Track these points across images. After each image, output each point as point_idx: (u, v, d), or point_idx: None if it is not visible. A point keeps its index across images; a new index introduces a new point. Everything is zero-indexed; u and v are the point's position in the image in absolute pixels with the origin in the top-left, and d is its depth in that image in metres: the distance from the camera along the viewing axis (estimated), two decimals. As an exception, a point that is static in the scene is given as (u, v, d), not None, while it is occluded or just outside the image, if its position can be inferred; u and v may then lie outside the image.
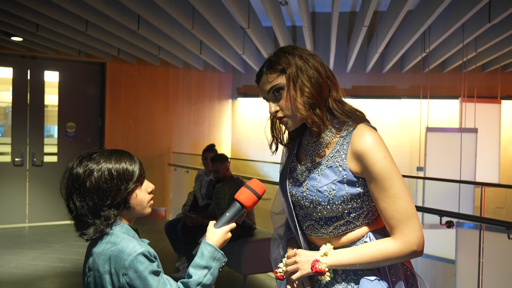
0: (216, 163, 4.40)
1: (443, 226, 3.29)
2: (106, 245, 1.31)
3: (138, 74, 7.89)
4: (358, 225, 1.39)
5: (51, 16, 4.91)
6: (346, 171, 1.36)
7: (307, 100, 1.35)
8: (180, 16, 4.97)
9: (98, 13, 5.01)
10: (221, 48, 6.70)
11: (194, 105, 8.54)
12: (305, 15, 5.21)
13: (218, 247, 1.40)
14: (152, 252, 1.32)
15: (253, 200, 1.44)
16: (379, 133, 1.39)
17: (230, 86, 8.96)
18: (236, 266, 4.22)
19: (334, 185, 1.36)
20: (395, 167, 1.33)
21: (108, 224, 1.32)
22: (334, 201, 1.35)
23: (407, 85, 8.46)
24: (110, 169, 1.33)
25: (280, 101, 1.39)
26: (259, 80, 1.43)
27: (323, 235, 1.42)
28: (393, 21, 5.15)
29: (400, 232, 1.30)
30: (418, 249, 1.30)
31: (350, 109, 1.43)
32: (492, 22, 4.81)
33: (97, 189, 1.31)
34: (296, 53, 1.39)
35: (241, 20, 5.11)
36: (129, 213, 1.39)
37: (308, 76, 1.36)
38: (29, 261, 5.10)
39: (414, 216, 1.31)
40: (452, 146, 6.11)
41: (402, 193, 1.31)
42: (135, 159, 1.40)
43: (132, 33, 5.83)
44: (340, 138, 1.40)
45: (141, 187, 1.40)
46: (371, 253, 1.33)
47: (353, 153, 1.35)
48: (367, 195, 1.37)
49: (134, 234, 1.38)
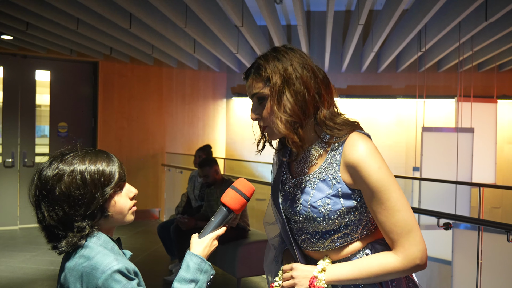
0: (205, 168, 4.30)
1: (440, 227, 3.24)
2: (79, 260, 1.14)
3: (131, 73, 7.79)
4: (356, 237, 1.31)
5: (41, 14, 4.82)
6: (340, 183, 1.27)
7: (289, 118, 1.24)
8: (173, 14, 4.89)
9: (89, 11, 4.92)
10: (215, 47, 6.62)
11: (188, 105, 8.45)
12: (300, 13, 5.15)
13: (204, 257, 1.25)
14: (131, 268, 1.15)
15: (241, 203, 1.30)
16: (372, 141, 1.29)
17: (224, 85, 8.88)
18: (230, 268, 4.14)
19: (329, 199, 1.27)
20: (391, 178, 1.24)
21: (82, 236, 1.15)
22: (329, 216, 1.27)
23: (403, 85, 8.41)
24: (83, 173, 1.15)
25: (263, 110, 1.28)
26: (246, 79, 1.34)
27: (320, 249, 1.34)
28: (389, 20, 5.11)
29: (401, 246, 1.22)
30: (421, 262, 1.22)
31: (342, 122, 1.31)
32: (489, 21, 4.76)
33: (68, 197, 1.13)
34: (288, 61, 1.26)
35: (235, 18, 5.04)
36: (108, 222, 1.22)
37: (294, 91, 1.24)
38: (19, 264, 5.00)
39: (414, 228, 1.23)
40: (448, 146, 6.07)
41: (400, 205, 1.22)
42: (113, 160, 1.22)
43: (124, 32, 5.75)
44: (332, 149, 1.30)
45: (121, 193, 1.22)
46: (371, 268, 1.25)
47: (347, 165, 1.26)
48: (364, 207, 1.29)
49: (114, 246, 1.20)
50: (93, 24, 5.22)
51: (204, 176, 4.35)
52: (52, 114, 7.21)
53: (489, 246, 3.57)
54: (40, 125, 7.43)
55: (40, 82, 7.23)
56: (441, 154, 6.14)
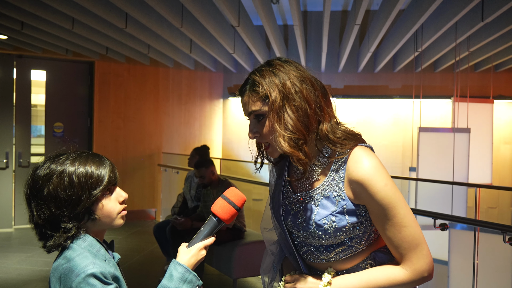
0: (201, 169, 4.28)
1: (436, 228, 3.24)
2: (62, 261, 1.15)
3: (127, 73, 7.76)
4: (360, 248, 1.30)
5: (37, 13, 4.79)
6: (345, 200, 1.25)
7: (291, 136, 1.18)
8: (169, 14, 4.87)
9: (84, 11, 4.89)
10: (212, 47, 6.60)
11: (184, 105, 8.43)
12: (297, 14, 5.14)
13: (190, 267, 1.23)
14: (109, 273, 1.13)
15: (231, 213, 1.27)
16: (376, 155, 1.27)
17: (221, 85, 8.86)
18: (226, 269, 4.13)
19: (334, 216, 1.25)
20: (397, 193, 1.23)
21: (68, 237, 1.15)
22: (335, 233, 1.25)
23: (399, 85, 8.41)
24: (71, 174, 1.15)
25: (263, 128, 1.23)
26: (242, 96, 1.26)
27: (324, 261, 1.32)
28: (385, 20, 5.10)
29: (408, 260, 1.23)
30: (428, 274, 1.24)
31: (343, 135, 1.28)
32: (485, 21, 4.76)
33: (55, 198, 1.14)
34: (285, 76, 1.20)
35: (232, 18, 5.02)
36: (96, 225, 1.21)
37: (295, 106, 1.19)
38: (14, 265, 4.97)
39: (422, 242, 1.23)
40: (444, 146, 6.07)
41: (407, 221, 1.22)
42: (105, 163, 1.22)
43: (120, 32, 5.72)
44: (334, 164, 1.27)
45: (110, 196, 1.22)
46: (378, 281, 1.24)
47: (351, 181, 1.24)
48: (369, 220, 1.27)
49: (99, 249, 1.19)
50: (89, 24, 5.18)
51: (200, 177, 4.33)
52: (48, 114, 7.17)
53: (485, 247, 3.57)
54: (35, 125, 7.39)
55: (36, 82, 7.19)
56: (438, 154, 6.14)
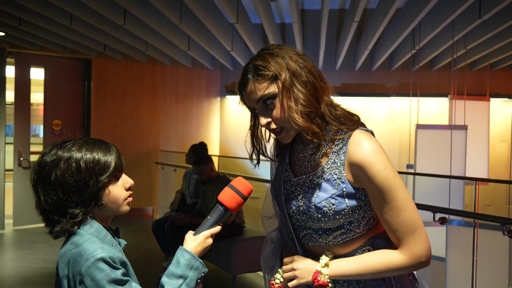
0: (200, 166, 4.30)
1: (433, 223, 3.26)
2: (70, 246, 1.16)
3: (124, 71, 7.75)
4: (358, 232, 1.30)
5: (34, 9, 4.78)
6: (345, 183, 1.26)
7: (304, 110, 1.21)
8: (168, 10, 4.87)
9: (82, 7, 4.89)
10: (210, 44, 6.60)
11: (182, 103, 8.42)
12: (295, 12, 5.16)
13: (196, 254, 1.24)
14: (117, 258, 1.14)
15: (238, 202, 1.27)
16: (376, 139, 1.29)
17: (218, 83, 8.87)
18: (225, 265, 4.14)
19: (334, 199, 1.26)
20: (397, 177, 1.24)
21: (75, 222, 1.16)
22: (334, 216, 1.26)
23: (397, 83, 8.45)
24: (79, 160, 1.16)
25: (273, 111, 1.24)
26: (244, 88, 1.26)
27: (322, 244, 1.33)
28: (383, 18, 5.12)
29: (406, 245, 1.23)
30: (425, 260, 1.24)
31: (342, 114, 1.30)
32: (483, 18, 4.79)
33: (62, 183, 1.15)
34: (286, 55, 1.23)
35: (230, 15, 5.03)
36: (102, 211, 1.22)
37: (304, 81, 1.22)
38: (12, 262, 4.96)
39: (420, 227, 1.23)
40: (442, 143, 6.10)
41: (406, 205, 1.22)
42: (111, 150, 1.23)
43: (118, 28, 5.71)
44: (335, 147, 1.28)
45: (116, 183, 1.23)
46: (376, 265, 1.25)
47: (351, 164, 1.25)
48: (368, 204, 1.28)
49: (106, 235, 1.20)
50: (87, 20, 5.18)
51: (199, 174, 4.34)
52: (46, 112, 7.13)
53: (483, 243, 3.60)
54: (32, 125, 7.35)
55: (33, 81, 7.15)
56: (435, 152, 6.17)
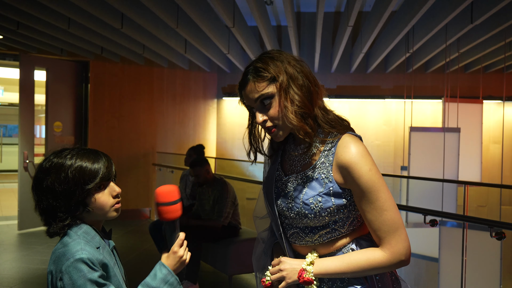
0: (196, 168, 4.36)
1: (426, 225, 3.33)
2: (59, 245, 1.26)
3: (122, 73, 7.80)
4: (343, 232, 1.38)
5: (33, 13, 4.83)
6: (332, 183, 1.34)
7: (299, 110, 1.31)
8: (165, 14, 4.93)
9: (80, 11, 4.94)
10: (206, 47, 6.66)
11: (179, 105, 8.48)
12: (290, 15, 5.21)
13: (172, 270, 1.33)
14: (97, 260, 1.22)
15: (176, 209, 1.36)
16: (363, 143, 1.37)
17: (215, 85, 8.93)
18: (221, 266, 4.19)
19: (321, 197, 1.34)
20: (381, 179, 1.32)
21: (64, 225, 1.27)
22: (320, 213, 1.34)
23: (391, 85, 8.53)
24: (67, 169, 1.26)
25: (269, 110, 1.33)
26: (244, 88, 1.36)
27: (308, 243, 1.41)
28: (377, 21, 5.19)
29: (388, 243, 1.31)
30: (405, 258, 1.32)
31: (334, 118, 1.39)
32: (475, 23, 4.87)
33: (52, 190, 1.25)
34: (285, 60, 1.34)
35: (226, 19, 5.09)
36: (90, 216, 1.31)
37: (299, 84, 1.32)
38: (10, 263, 5.00)
39: (401, 226, 1.32)
40: (435, 145, 6.18)
41: (388, 205, 1.31)
42: (100, 160, 1.31)
43: (116, 32, 5.77)
44: (325, 148, 1.37)
45: (103, 191, 1.31)
46: (359, 263, 1.32)
47: (339, 165, 1.33)
48: (353, 205, 1.36)
49: (95, 236, 1.29)
50: (85, 24, 5.23)
51: (195, 176, 4.40)
52: (48, 114, 7.13)
53: (474, 244, 3.67)
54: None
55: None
56: (429, 154, 6.25)
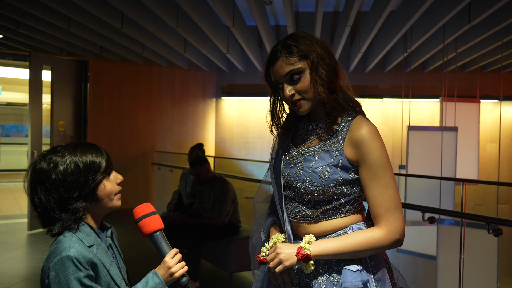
0: (196, 167, 4.41)
1: (424, 223, 3.36)
2: (54, 242, 1.28)
3: (121, 72, 7.82)
4: (344, 212, 1.43)
5: (32, 12, 4.84)
6: (342, 156, 1.41)
7: (327, 85, 1.41)
8: (165, 14, 4.95)
9: (80, 10, 4.96)
10: (205, 46, 6.69)
11: (177, 104, 8.50)
12: (290, 14, 5.24)
13: (165, 281, 1.36)
14: (85, 259, 1.23)
15: (155, 220, 1.46)
16: (375, 125, 1.45)
17: (214, 85, 8.95)
18: (221, 264, 4.22)
19: (329, 167, 1.40)
20: (389, 159, 1.41)
21: (76, 218, 1.28)
22: (327, 183, 1.39)
23: (389, 85, 8.57)
24: (76, 161, 1.29)
25: (297, 84, 1.41)
26: (273, 64, 1.44)
27: (309, 219, 1.45)
28: (376, 21, 5.21)
29: (386, 220, 1.36)
30: (401, 237, 1.37)
31: (350, 98, 1.50)
32: (472, 23, 4.91)
33: (63, 182, 1.27)
34: (313, 40, 1.44)
35: (226, 18, 5.11)
36: (97, 207, 1.34)
37: (326, 63, 1.42)
38: (11, 262, 5.01)
39: (400, 207, 1.40)
40: (433, 144, 6.22)
41: (393, 184, 1.39)
42: (101, 151, 1.37)
43: (116, 31, 5.78)
44: (339, 125, 1.46)
45: (109, 178, 1.37)
46: (356, 241, 1.36)
47: (351, 141, 1.41)
48: (357, 183, 1.42)
49: (90, 233, 1.31)
50: (85, 24, 5.24)
51: (196, 175, 4.44)
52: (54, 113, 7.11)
53: (471, 241, 3.71)
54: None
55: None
56: (426, 153, 6.28)
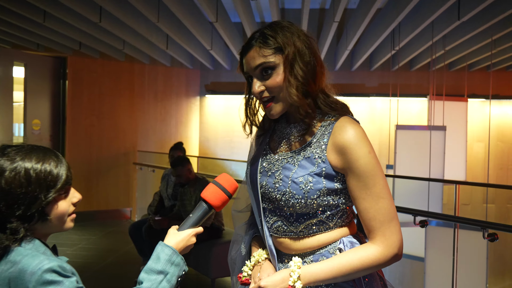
0: (177, 168, 4.21)
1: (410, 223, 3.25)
2: (5, 266, 1.03)
3: (101, 69, 7.58)
4: (331, 226, 1.25)
5: (6, 6, 4.62)
6: (325, 163, 1.22)
7: (302, 87, 1.21)
8: (145, 8, 4.76)
9: (56, 4, 4.74)
10: (189, 43, 6.50)
11: (160, 102, 8.29)
12: (275, 11, 5.11)
13: (178, 250, 1.16)
14: (66, 267, 1.04)
15: (222, 199, 1.23)
16: (362, 127, 1.26)
17: (198, 82, 8.75)
18: (204, 269, 4.07)
19: (312, 177, 1.21)
20: (379, 165, 1.22)
21: (16, 239, 1.04)
22: (309, 195, 1.21)
23: (376, 83, 8.49)
24: (28, 170, 1.04)
25: (268, 81, 1.23)
26: (246, 53, 1.25)
27: (292, 234, 1.27)
28: (363, 18, 5.12)
29: (381, 234, 1.18)
30: (399, 252, 1.20)
31: (334, 101, 1.30)
32: (462, 20, 4.82)
33: (7, 194, 1.03)
34: (295, 32, 1.24)
35: (209, 14, 4.95)
36: (45, 227, 1.10)
37: (306, 61, 1.22)
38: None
39: (395, 217, 1.21)
40: (421, 143, 6.15)
41: (385, 193, 1.19)
42: (62, 161, 1.13)
43: (94, 26, 5.56)
44: (320, 128, 1.26)
45: (66, 197, 1.13)
46: (351, 263, 1.18)
47: (335, 146, 1.22)
48: (344, 192, 1.24)
49: (46, 251, 1.08)
50: (61, 17, 5.03)
51: (177, 176, 4.26)
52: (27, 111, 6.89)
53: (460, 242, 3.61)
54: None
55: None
56: (414, 152, 6.22)
